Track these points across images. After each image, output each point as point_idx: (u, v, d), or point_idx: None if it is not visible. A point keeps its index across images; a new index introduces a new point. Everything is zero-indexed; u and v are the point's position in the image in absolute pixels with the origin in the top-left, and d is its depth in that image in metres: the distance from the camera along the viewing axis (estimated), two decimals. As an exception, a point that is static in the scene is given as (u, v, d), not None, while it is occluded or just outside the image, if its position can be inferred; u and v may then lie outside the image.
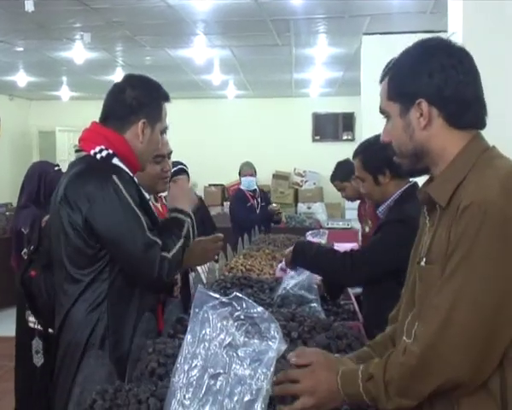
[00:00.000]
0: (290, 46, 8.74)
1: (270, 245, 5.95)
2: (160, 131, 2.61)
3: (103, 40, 8.17)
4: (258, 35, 8.09)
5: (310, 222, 11.45)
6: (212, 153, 13.51)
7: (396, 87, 1.74)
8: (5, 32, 7.75)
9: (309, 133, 14.00)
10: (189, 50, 8.94)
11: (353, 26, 7.59)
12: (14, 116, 13.81)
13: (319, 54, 9.28)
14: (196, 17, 7.17)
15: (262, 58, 9.65)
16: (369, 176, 3.23)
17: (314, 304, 3.06)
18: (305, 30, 7.84)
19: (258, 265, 4.80)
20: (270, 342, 1.53)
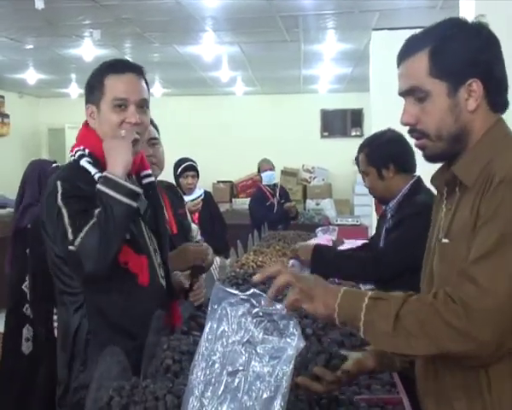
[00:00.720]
0: (299, 42, 8.72)
1: (280, 241, 5.95)
2: (111, 105, 2.37)
3: (112, 37, 8.18)
4: (267, 31, 8.08)
5: (319, 218, 11.44)
6: (220, 150, 13.51)
7: (444, 63, 1.60)
8: (15, 30, 7.77)
9: (317, 129, 13.99)
10: (197, 47, 8.94)
11: (362, 21, 7.57)
12: (24, 114, 13.84)
13: (328, 50, 9.26)
14: (205, 13, 7.17)
15: (270, 54, 9.64)
16: (373, 169, 3.24)
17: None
18: (313, 26, 7.82)
19: (269, 261, 4.80)
20: (288, 339, 1.52)
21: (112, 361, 1.93)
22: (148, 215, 2.47)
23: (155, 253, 2.47)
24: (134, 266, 2.36)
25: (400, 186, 3.21)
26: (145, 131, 2.46)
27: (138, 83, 2.43)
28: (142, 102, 2.41)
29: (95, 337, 2.34)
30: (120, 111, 2.36)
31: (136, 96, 2.39)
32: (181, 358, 2.17)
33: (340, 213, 12.07)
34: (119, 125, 2.36)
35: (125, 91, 2.38)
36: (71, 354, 2.40)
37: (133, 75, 2.43)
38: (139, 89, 2.42)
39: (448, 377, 1.63)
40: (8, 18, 7.16)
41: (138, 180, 2.51)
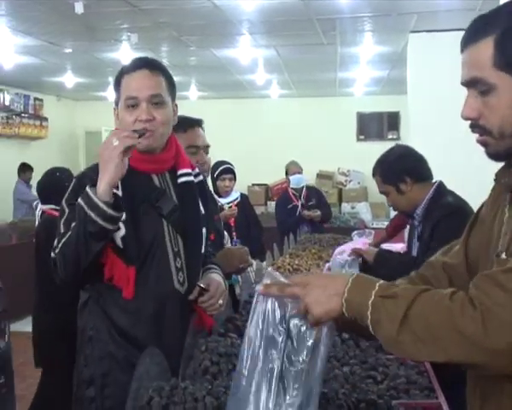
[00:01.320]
0: (335, 45, 8.71)
1: (316, 245, 5.94)
2: (125, 105, 2.37)
3: (150, 41, 8.25)
4: (304, 34, 8.07)
5: (354, 222, 11.40)
6: (255, 152, 13.54)
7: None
8: (55, 34, 7.88)
9: (353, 132, 13.94)
10: (234, 50, 8.98)
11: (400, 24, 7.53)
12: (62, 117, 14.03)
13: (364, 52, 9.23)
14: (242, 17, 7.19)
15: (306, 57, 9.63)
16: (392, 187, 3.28)
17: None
18: (350, 28, 7.81)
19: (305, 264, 4.80)
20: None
21: (151, 362, 1.95)
22: (174, 216, 2.40)
23: (176, 257, 2.40)
24: (119, 279, 2.31)
25: (422, 195, 3.25)
26: (160, 126, 2.37)
27: (150, 78, 2.38)
28: (156, 98, 2.36)
29: (97, 334, 2.37)
30: (133, 110, 2.35)
31: (147, 92, 2.35)
32: (219, 360, 2.18)
33: (376, 217, 12.00)
34: (133, 125, 2.33)
35: (136, 89, 2.35)
36: (77, 349, 2.47)
37: (146, 71, 2.38)
38: (151, 85, 2.37)
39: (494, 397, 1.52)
40: (47, 22, 7.26)
41: (173, 178, 2.47)
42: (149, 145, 2.36)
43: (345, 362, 2.27)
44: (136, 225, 2.32)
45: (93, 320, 2.40)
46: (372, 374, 2.16)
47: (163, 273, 2.37)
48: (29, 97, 12.63)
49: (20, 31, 7.64)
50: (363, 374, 2.16)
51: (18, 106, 12.28)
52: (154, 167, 2.44)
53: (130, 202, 2.30)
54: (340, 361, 2.28)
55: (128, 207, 2.28)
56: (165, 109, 2.39)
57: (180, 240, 2.42)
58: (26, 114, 12.52)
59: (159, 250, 2.36)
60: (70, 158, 14.18)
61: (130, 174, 2.27)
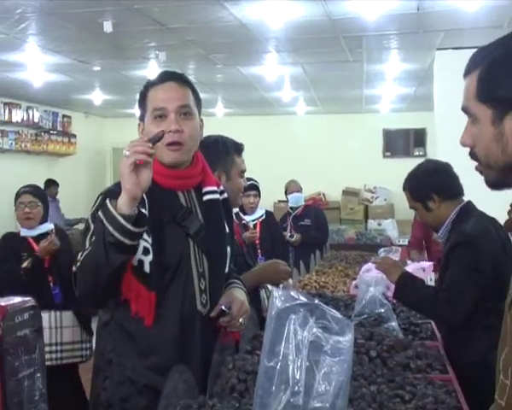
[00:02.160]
0: (362, 62, 8.71)
1: (343, 262, 5.94)
2: (152, 117, 2.34)
3: (177, 59, 8.32)
4: (330, 51, 8.09)
5: (380, 239, 11.35)
6: (281, 169, 13.53)
7: (489, 89, 1.46)
8: (84, 53, 7.97)
9: (379, 149, 13.91)
10: (260, 68, 9.01)
11: (426, 41, 7.52)
12: (90, 133, 14.16)
13: (391, 69, 9.22)
14: (269, 35, 7.23)
15: (333, 74, 9.64)
16: (419, 204, 3.25)
17: (392, 323, 3.03)
18: (377, 46, 7.81)
19: (332, 281, 4.79)
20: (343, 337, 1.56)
21: (179, 379, 1.96)
22: (201, 236, 2.36)
23: (200, 278, 2.36)
24: (141, 306, 2.27)
25: (449, 213, 3.19)
26: (188, 139, 2.32)
27: (178, 90, 2.35)
28: (184, 109, 2.32)
29: (117, 357, 2.34)
30: (160, 121, 2.30)
31: (176, 102, 2.31)
32: (246, 377, 2.18)
33: (403, 234, 11.92)
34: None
35: (164, 100, 2.32)
36: (96, 369, 2.44)
37: (173, 83, 2.36)
38: (179, 95, 2.33)
39: None
40: (77, 41, 7.36)
41: (199, 196, 2.43)
42: (177, 158, 2.33)
43: (372, 381, 2.26)
44: (162, 246, 2.28)
45: (113, 343, 2.36)
46: (399, 393, 2.14)
47: (186, 295, 2.32)
48: (57, 114, 12.77)
49: (49, 49, 7.75)
50: (391, 393, 2.15)
51: (47, 123, 12.42)
52: (180, 184, 2.40)
53: (156, 222, 2.26)
54: (367, 380, 2.27)
55: (154, 227, 2.25)
56: (194, 122, 2.36)
57: (205, 260, 2.38)
58: (55, 130, 12.65)
59: (184, 271, 2.32)
60: (97, 174, 14.33)
61: (156, 191, 2.25)
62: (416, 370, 2.40)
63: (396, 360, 2.44)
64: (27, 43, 7.45)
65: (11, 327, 1.26)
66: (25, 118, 11.68)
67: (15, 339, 1.27)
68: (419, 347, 2.60)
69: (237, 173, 3.27)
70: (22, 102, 11.57)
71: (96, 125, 14.63)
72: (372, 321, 3.12)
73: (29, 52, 7.84)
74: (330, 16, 6.48)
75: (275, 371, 1.55)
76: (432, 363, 2.48)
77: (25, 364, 1.32)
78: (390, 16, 6.51)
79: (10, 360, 1.26)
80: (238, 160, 3.27)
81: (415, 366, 2.41)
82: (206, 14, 6.34)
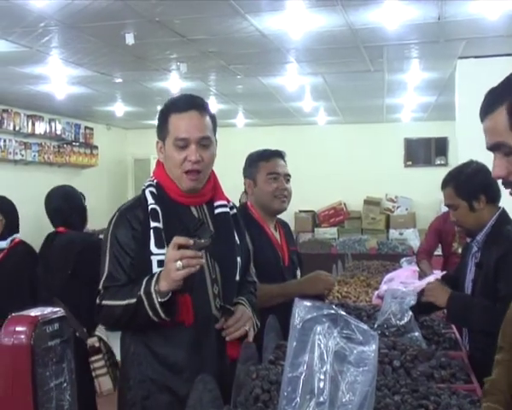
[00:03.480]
0: (383, 72, 8.70)
1: (365, 272, 5.93)
2: (174, 144, 2.50)
3: (198, 70, 8.36)
4: (351, 61, 8.10)
5: (402, 249, 11.30)
6: (302, 179, 13.50)
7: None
8: (106, 65, 8.04)
9: (401, 158, 13.86)
10: (281, 78, 9.04)
11: (448, 50, 7.50)
12: (111, 145, 14.26)
13: (412, 79, 9.20)
14: (290, 45, 7.25)
15: (353, 84, 9.65)
16: (464, 203, 3.19)
17: (415, 333, 3.03)
18: (398, 55, 7.80)
19: (354, 292, 4.79)
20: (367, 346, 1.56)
21: (203, 389, 1.97)
22: (212, 244, 2.44)
23: (213, 283, 2.50)
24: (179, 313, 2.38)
25: (490, 217, 3.15)
26: (206, 167, 2.51)
27: (200, 120, 2.49)
28: (204, 141, 2.49)
29: (138, 358, 2.46)
30: (182, 150, 2.47)
31: (197, 134, 2.47)
32: (270, 387, 2.18)
33: (425, 244, 11.87)
34: (182, 163, 2.46)
35: (186, 131, 2.46)
36: (122, 372, 2.56)
37: (195, 113, 2.49)
38: (200, 127, 2.48)
39: None
40: (98, 53, 7.43)
41: (210, 210, 2.58)
42: (194, 186, 2.51)
43: (396, 391, 2.26)
44: None
45: (134, 345, 2.48)
46: (424, 403, 2.14)
47: (201, 299, 2.45)
48: (80, 126, 12.88)
49: (71, 62, 7.82)
50: (415, 403, 2.14)
51: (69, 135, 12.51)
52: (193, 201, 2.56)
53: (171, 233, 2.36)
54: (390, 390, 2.27)
55: (169, 238, 2.34)
56: (211, 150, 2.53)
57: (217, 267, 2.52)
58: (77, 142, 12.74)
59: (198, 277, 2.42)
60: (119, 185, 14.42)
61: (171, 206, 2.46)
62: (440, 380, 2.39)
63: (420, 369, 2.43)
64: (50, 56, 7.54)
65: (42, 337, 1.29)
66: (47, 130, 11.78)
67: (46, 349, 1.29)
68: (443, 356, 2.59)
69: (264, 177, 3.44)
70: (45, 115, 11.68)
71: (118, 137, 14.73)
72: (395, 331, 3.11)
73: (52, 65, 7.92)
74: (351, 26, 6.49)
75: (299, 381, 1.57)
76: (456, 373, 2.47)
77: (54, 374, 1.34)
78: (411, 25, 6.51)
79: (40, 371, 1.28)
80: (265, 164, 3.47)
81: (438, 376, 2.40)
82: (226, 25, 6.39)
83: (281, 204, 3.50)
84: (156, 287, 2.23)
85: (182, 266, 2.16)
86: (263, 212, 3.50)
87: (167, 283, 2.22)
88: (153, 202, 2.45)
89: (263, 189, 3.44)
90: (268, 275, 3.17)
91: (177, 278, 2.18)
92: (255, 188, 3.48)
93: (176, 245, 2.19)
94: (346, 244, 11.29)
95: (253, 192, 3.50)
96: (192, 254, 2.18)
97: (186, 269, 2.17)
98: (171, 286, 2.22)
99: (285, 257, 3.50)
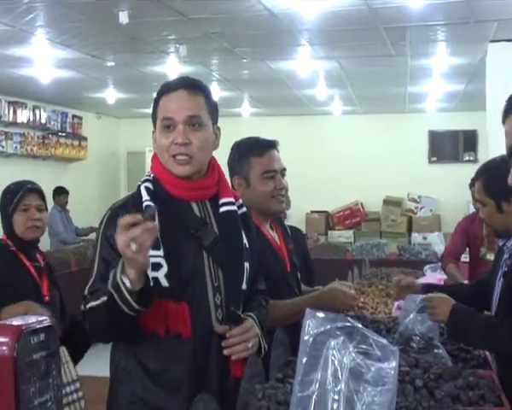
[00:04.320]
0: (405, 56, 8.70)
1: (383, 280, 5.92)
2: (161, 126, 2.46)
3: (199, 53, 8.37)
4: (370, 45, 8.10)
5: (426, 254, 11.28)
6: (315, 176, 13.55)
7: None
8: (97, 46, 8.05)
9: (424, 153, 13.85)
10: (291, 62, 9.04)
11: (478, 32, 7.49)
12: (102, 136, 14.30)
13: (438, 64, 9.19)
14: (302, 26, 7.25)
15: (372, 70, 9.65)
16: (492, 201, 3.17)
17: (440, 350, 3.02)
18: (422, 38, 7.80)
19: (372, 302, 4.78)
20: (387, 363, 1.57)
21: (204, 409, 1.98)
22: (215, 248, 2.44)
23: (215, 292, 2.44)
24: (175, 324, 2.35)
25: None
26: (197, 151, 2.43)
27: (189, 100, 2.44)
28: (193, 120, 2.43)
29: (128, 376, 2.42)
30: (169, 132, 2.43)
31: (184, 113, 2.41)
32: (277, 409, 2.19)
33: (451, 249, 11.86)
34: (169, 147, 2.42)
35: (172, 110, 2.43)
36: (110, 388, 2.51)
37: (184, 92, 2.45)
38: (188, 105, 2.43)
39: None
40: (89, 33, 7.44)
41: (215, 207, 2.52)
42: (185, 172, 2.43)
43: (418, 414, 2.26)
44: (175, 258, 2.36)
45: (124, 360, 2.44)
46: (449, 428, 2.14)
47: (201, 310, 2.40)
48: (67, 115, 12.91)
49: (58, 43, 7.84)
50: (439, 428, 2.15)
51: (55, 124, 12.55)
52: (194, 195, 2.49)
53: (168, 233, 2.33)
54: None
55: (166, 238, 2.32)
56: (204, 132, 2.45)
57: (221, 274, 2.45)
58: (64, 132, 12.79)
59: (198, 285, 2.40)
60: (110, 181, 14.44)
61: (167, 201, 2.40)
62: (467, 401, 2.39)
63: (444, 390, 2.43)
64: (35, 36, 7.55)
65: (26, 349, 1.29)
66: (31, 119, 11.82)
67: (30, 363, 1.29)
68: (470, 376, 2.58)
69: (258, 176, 3.25)
70: (28, 102, 11.71)
71: (110, 127, 14.77)
72: (417, 347, 3.11)
73: (36, 46, 7.94)
74: (370, 5, 6.49)
75: (310, 402, 1.57)
76: (485, 394, 2.46)
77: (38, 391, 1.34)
78: (437, 4, 6.50)
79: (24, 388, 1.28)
80: (259, 160, 3.25)
81: (465, 398, 2.39)
82: (231, 3, 6.39)
83: (279, 205, 3.33)
84: (124, 278, 2.13)
85: (137, 248, 2.05)
86: (257, 212, 3.27)
87: (133, 268, 2.11)
88: (148, 199, 2.40)
89: (258, 189, 3.24)
90: (272, 287, 3.07)
91: (140, 260, 2.08)
92: (247, 188, 3.27)
93: (124, 228, 2.07)
94: (363, 249, 11.26)
95: (245, 193, 3.26)
96: (140, 229, 2.05)
97: (143, 248, 2.05)
98: (140, 268, 2.11)
99: (286, 261, 3.39)
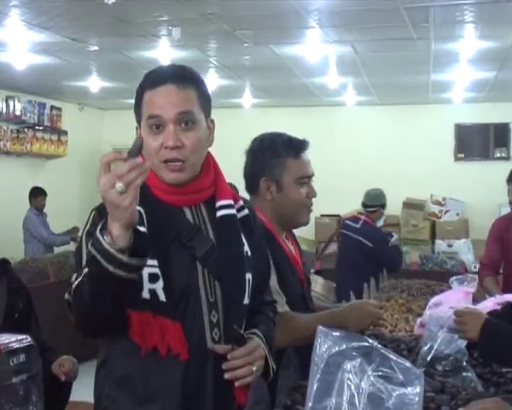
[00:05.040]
0: (428, 40, 8.70)
1: (404, 293, 5.93)
2: (147, 126, 2.41)
3: (195, 36, 8.38)
4: (388, 27, 8.11)
5: (452, 264, 11.31)
6: (325, 175, 13.46)
7: None
8: (79, 29, 8.06)
9: (450, 150, 13.85)
10: (299, 47, 9.04)
11: (510, 13, 7.49)
12: (84, 130, 14.33)
13: (465, 49, 9.20)
14: (311, 6, 7.26)
15: (391, 55, 9.66)
16: None
17: (469, 373, 3.03)
18: (447, 19, 7.80)
19: (391, 319, 4.79)
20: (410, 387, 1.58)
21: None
22: (211, 258, 2.41)
23: (211, 309, 2.41)
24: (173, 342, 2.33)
25: None
26: (191, 154, 2.39)
27: (178, 93, 2.39)
28: (185, 117, 2.39)
29: (112, 405, 2.41)
30: (157, 133, 2.38)
31: (173, 109, 2.37)
32: (285, 439, 2.20)
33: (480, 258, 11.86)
34: (158, 151, 2.37)
35: (160, 106, 2.38)
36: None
37: (172, 86, 2.40)
38: (177, 101, 2.38)
39: None
40: (70, 15, 7.44)
41: (210, 211, 2.49)
42: (179, 179, 2.39)
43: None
44: (167, 270, 2.34)
45: (108, 387, 2.43)
46: None
47: (194, 329, 2.37)
48: (45, 106, 12.92)
49: (35, 25, 7.85)
50: None
51: (31, 116, 12.56)
52: (186, 199, 2.47)
53: (157, 243, 2.31)
54: None
55: (157, 248, 2.30)
56: (197, 131, 2.42)
57: (218, 288, 2.42)
58: (41, 126, 12.82)
59: (191, 300, 2.38)
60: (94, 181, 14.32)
61: (156, 207, 2.37)
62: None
63: (474, 418, 2.44)
64: (8, 18, 7.57)
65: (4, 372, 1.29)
66: (4, 110, 11.84)
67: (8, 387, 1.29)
68: (504, 402, 2.59)
69: (293, 181, 3.26)
70: (1, 91, 11.74)
71: (93, 120, 14.79)
72: (443, 369, 3.12)
73: (10, 28, 7.97)
74: (389, -18, 6.51)
75: (323, 432, 1.57)
76: (520, 423, 2.47)
77: (17, 419, 1.34)
78: (465, -18, 6.53)
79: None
80: (294, 163, 3.27)
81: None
82: (231, -20, 6.42)
83: (307, 217, 3.38)
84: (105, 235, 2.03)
85: (124, 188, 1.96)
86: (279, 221, 3.32)
87: (117, 220, 2.01)
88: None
89: (290, 196, 3.24)
90: (290, 306, 3.10)
91: (126, 204, 1.97)
92: (278, 193, 3.26)
93: (105, 166, 1.99)
94: (381, 258, 11.27)
95: (274, 198, 3.28)
96: (128, 166, 1.96)
97: (131, 187, 1.96)
98: (126, 220, 2.00)
99: (303, 277, 3.40)
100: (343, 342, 1.65)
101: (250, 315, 2.53)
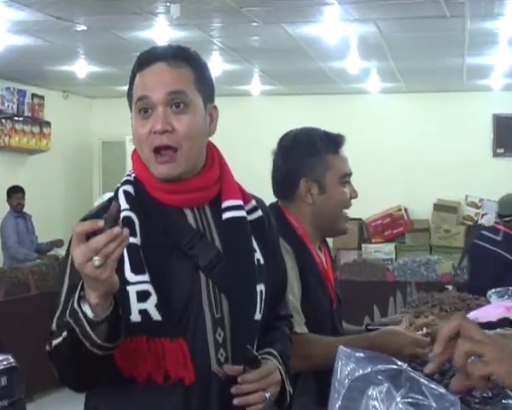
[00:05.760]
0: (463, 18, 8.71)
1: (436, 308, 5.92)
2: (136, 110, 2.39)
3: (196, 13, 8.39)
4: (417, 4, 8.12)
5: (490, 275, 11.28)
6: (345, 173, 13.54)
7: None
8: (64, 5, 8.06)
9: (488, 144, 13.86)
10: (315, 26, 9.06)
11: (558, -13, 7.51)
12: (70, 121, 14.36)
13: (505, 29, 9.20)
14: (329, -21, 7.28)
15: (420, 36, 9.68)
16: None
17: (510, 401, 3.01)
18: (486, -5, 7.82)
19: (420, 337, 4.78)
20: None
21: None
22: (217, 268, 2.38)
23: (216, 326, 2.38)
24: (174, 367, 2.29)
25: None
26: (185, 141, 2.35)
27: (169, 71, 2.36)
28: (176, 98, 2.35)
29: None
30: (146, 118, 2.35)
31: (163, 89, 2.34)
32: None
33: (523, 268, 11.85)
34: (147, 138, 2.34)
35: (148, 87, 2.35)
36: None
37: (162, 65, 2.37)
38: (168, 79, 2.35)
39: None
40: (54, -11, 7.48)
41: (216, 213, 2.45)
42: (169, 173, 2.35)
43: None
44: (165, 283, 2.31)
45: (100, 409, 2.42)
46: None
47: (197, 349, 2.33)
48: (25, 94, 12.95)
49: (14, 1, 7.87)
50: None
51: (10, 106, 12.59)
52: (187, 198, 2.43)
53: (154, 251, 2.31)
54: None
55: (152, 258, 2.29)
56: (192, 115, 2.37)
57: (225, 302, 2.39)
58: (21, 117, 12.86)
59: (193, 316, 2.35)
60: (81, 178, 14.47)
61: (152, 211, 2.35)
62: None
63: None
64: (-16, -7, 7.60)
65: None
66: (-22, 99, 11.89)
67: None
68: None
69: (336, 180, 3.23)
70: (-25, 77, 11.79)
71: (80, 109, 14.81)
72: (481, 396, 3.10)
73: (-14, 5, 7.99)
74: (418, -48, 6.51)
75: None
76: None
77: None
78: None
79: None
80: (335, 160, 3.25)
81: None
82: (238, -51, 6.42)
83: (345, 223, 3.33)
84: (84, 305, 2.06)
85: (102, 262, 1.96)
86: (314, 228, 3.27)
87: (95, 291, 2.03)
88: (127, 208, 2.32)
89: (335, 198, 3.20)
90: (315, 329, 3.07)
91: (104, 277, 1.98)
92: (321, 195, 3.21)
93: (80, 236, 1.98)
94: (408, 268, 11.27)
95: (317, 201, 3.23)
96: (106, 238, 1.96)
97: (109, 260, 1.97)
98: (104, 292, 2.04)
99: (333, 295, 3.33)
100: (368, 365, 1.64)
101: (263, 332, 2.50)
